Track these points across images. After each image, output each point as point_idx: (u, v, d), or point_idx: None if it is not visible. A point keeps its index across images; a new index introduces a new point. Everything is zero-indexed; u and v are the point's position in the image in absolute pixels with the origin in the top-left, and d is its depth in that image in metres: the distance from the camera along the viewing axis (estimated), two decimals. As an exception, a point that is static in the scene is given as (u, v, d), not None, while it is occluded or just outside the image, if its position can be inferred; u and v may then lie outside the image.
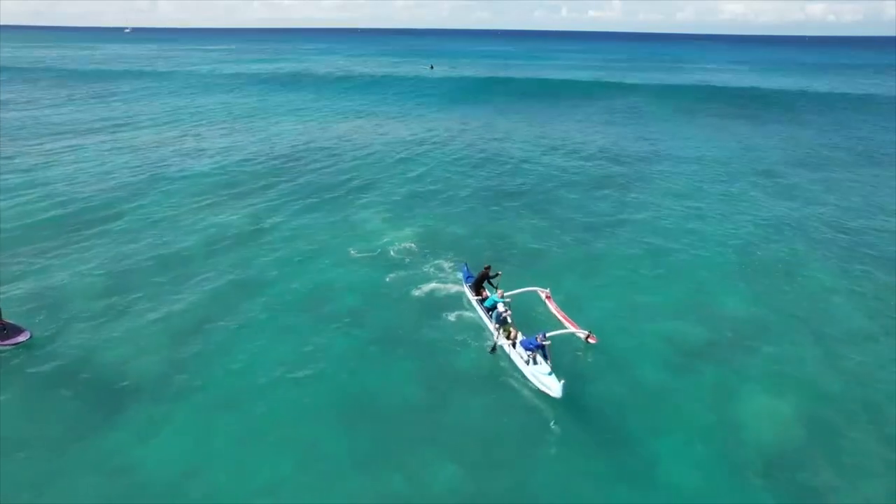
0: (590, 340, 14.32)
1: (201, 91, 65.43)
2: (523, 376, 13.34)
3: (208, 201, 26.20)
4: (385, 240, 21.85)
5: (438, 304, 17.18)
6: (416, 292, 17.85)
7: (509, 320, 14.61)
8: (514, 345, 13.95)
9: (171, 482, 10.53)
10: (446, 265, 19.61)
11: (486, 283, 17.00)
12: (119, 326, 15.58)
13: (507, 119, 50.26)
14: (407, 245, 21.37)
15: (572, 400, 12.48)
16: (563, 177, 31.63)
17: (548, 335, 13.56)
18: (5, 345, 14.02)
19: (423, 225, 23.57)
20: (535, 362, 13.15)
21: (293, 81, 74.97)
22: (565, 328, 14.92)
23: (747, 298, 17.81)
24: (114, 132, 41.61)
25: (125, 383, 13.20)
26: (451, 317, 16.52)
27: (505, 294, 15.79)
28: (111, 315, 16.13)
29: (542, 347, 13.28)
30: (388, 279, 18.70)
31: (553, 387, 12.29)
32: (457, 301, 17.38)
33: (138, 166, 31.92)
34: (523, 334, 14.29)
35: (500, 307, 14.92)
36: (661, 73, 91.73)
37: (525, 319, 15.47)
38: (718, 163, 35.31)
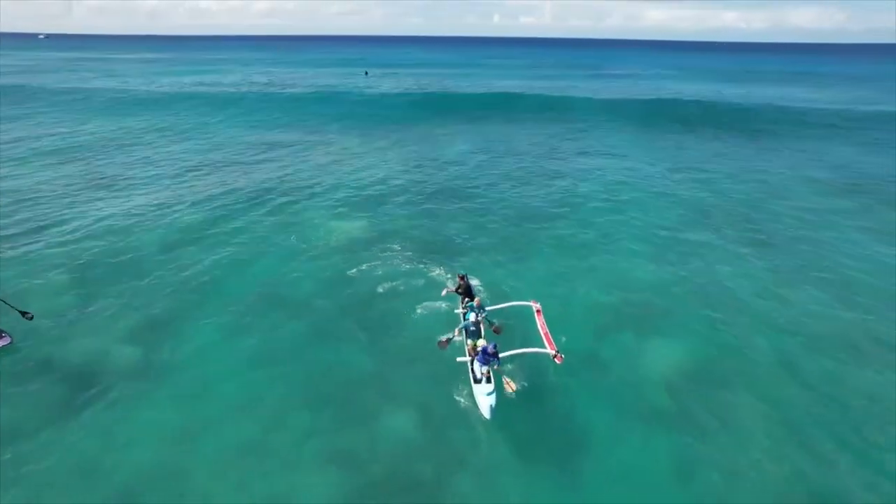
0: (556, 360, 14.04)
1: (135, 107, 63.10)
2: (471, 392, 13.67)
3: (157, 208, 27.22)
4: (333, 236, 23.89)
5: (389, 289, 19.21)
6: (364, 278, 19.79)
7: (482, 331, 14.77)
8: (472, 361, 13.93)
9: (145, 463, 11.74)
10: (400, 259, 21.55)
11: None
12: (90, 326, 16.74)
13: (444, 133, 51.19)
14: (356, 239, 23.34)
15: (520, 384, 14.12)
16: (508, 189, 33.12)
17: (513, 353, 14.14)
18: (-12, 349, 14.80)
19: (373, 228, 25.31)
20: (487, 380, 13.15)
21: (225, 94, 72.62)
22: (541, 346, 14.75)
23: (664, 280, 20.47)
24: (58, 143, 41.11)
25: (100, 378, 14.35)
26: (403, 298, 18.59)
27: (489, 308, 15.98)
28: (81, 316, 17.25)
29: (494, 356, 13.34)
30: (340, 269, 20.66)
31: (484, 407, 12.61)
32: (403, 282, 19.61)
33: (89, 178, 32.18)
34: None
35: (472, 317, 15.03)
36: (590, 82, 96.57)
37: (513, 333, 16.09)
38: (645, 170, 38.36)
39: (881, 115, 58.90)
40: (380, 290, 19.07)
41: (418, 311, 17.66)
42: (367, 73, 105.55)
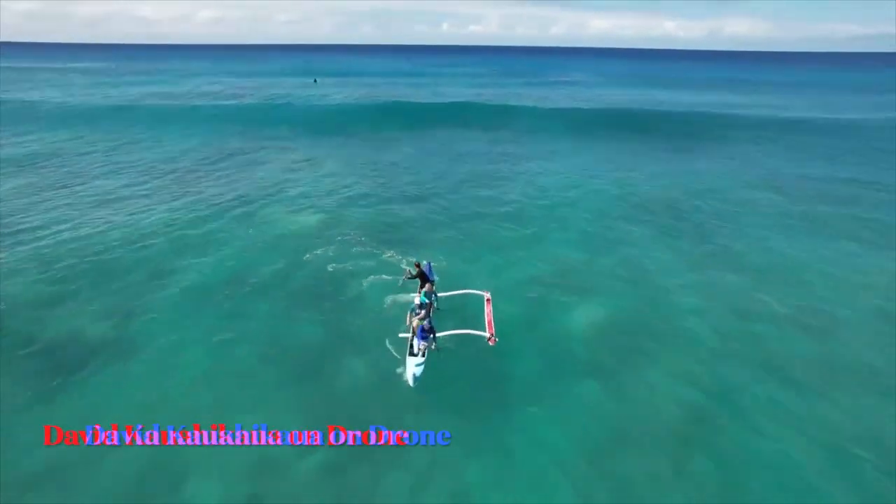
0: (490, 342, 15.21)
1: (84, 118, 61.89)
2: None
3: (121, 212, 28.34)
4: (291, 230, 25.56)
5: (343, 271, 21.46)
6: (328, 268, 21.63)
7: (429, 317, 15.86)
8: (413, 337, 15.28)
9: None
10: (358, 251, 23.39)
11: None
12: (65, 312, 18.20)
13: (396, 140, 52.34)
14: (313, 233, 25.09)
15: (452, 355, 15.77)
16: (458, 190, 35.46)
17: (453, 332, 15.64)
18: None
19: (329, 224, 27.15)
20: (422, 355, 14.52)
21: (177, 105, 72.39)
22: (482, 329, 16.09)
23: (600, 264, 23.06)
24: (10, 153, 41.07)
25: (76, 357, 15.72)
26: (355, 277, 20.82)
27: (445, 294, 17.95)
28: (58, 303, 18.73)
29: (430, 333, 14.76)
30: (297, 256, 22.57)
31: (409, 375, 13.97)
32: (354, 264, 21.99)
33: (50, 186, 33.04)
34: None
35: (416, 300, 16.32)
36: (536, 90, 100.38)
37: (463, 315, 17.72)
38: (587, 172, 41.19)
39: (799, 121, 64.25)
40: (330, 269, 21.49)
41: (365, 284, 20.15)
42: (315, 80, 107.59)
